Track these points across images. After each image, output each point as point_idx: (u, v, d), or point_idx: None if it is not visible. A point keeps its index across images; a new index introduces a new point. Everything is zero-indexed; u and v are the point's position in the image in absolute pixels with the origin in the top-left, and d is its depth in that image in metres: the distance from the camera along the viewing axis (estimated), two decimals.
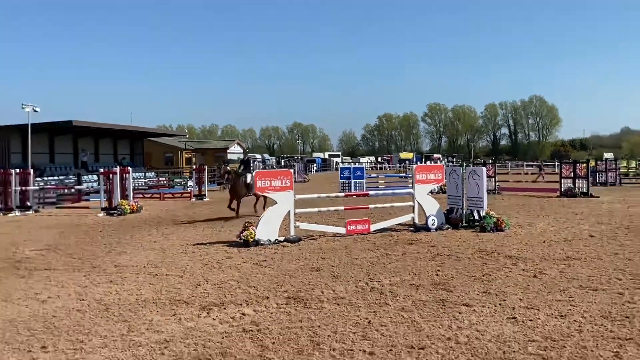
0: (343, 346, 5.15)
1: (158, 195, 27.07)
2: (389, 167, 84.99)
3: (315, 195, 15.20)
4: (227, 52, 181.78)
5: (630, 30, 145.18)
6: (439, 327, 5.66)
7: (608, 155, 60.81)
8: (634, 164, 42.88)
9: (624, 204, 18.83)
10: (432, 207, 13.16)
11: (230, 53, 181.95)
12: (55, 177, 30.81)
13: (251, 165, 18.43)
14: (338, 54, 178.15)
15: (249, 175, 17.10)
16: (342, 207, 14.14)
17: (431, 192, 13.78)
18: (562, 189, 22.98)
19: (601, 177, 30.55)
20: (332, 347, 5.14)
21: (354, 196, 22.66)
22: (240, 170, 17.94)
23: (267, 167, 60.70)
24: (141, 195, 26.57)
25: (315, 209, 13.64)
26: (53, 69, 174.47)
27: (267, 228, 11.38)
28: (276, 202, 11.63)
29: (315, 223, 13.10)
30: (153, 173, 40.70)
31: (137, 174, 34.48)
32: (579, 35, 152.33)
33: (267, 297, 7.01)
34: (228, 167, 18.29)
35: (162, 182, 36.49)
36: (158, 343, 5.34)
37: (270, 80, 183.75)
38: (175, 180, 36.72)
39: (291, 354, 4.99)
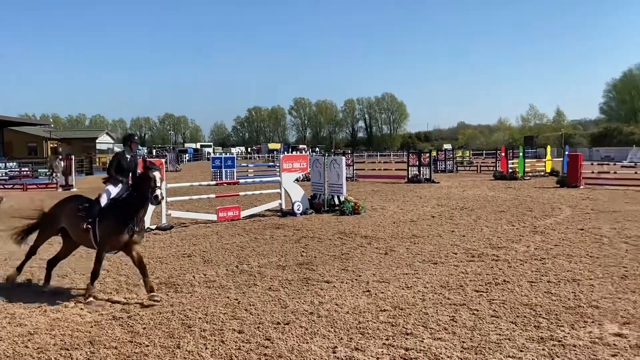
0: (213, 327, 5.09)
1: (20, 186, 24.64)
2: (258, 156, 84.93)
3: (188, 184, 14.78)
4: (90, 39, 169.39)
5: (466, 35, 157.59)
6: (303, 303, 5.79)
7: (447, 146, 65.64)
8: (467, 153, 46.87)
9: (460, 188, 20.54)
10: (297, 194, 13.38)
11: (92, 40, 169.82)
12: None
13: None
14: (210, 46, 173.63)
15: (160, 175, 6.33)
16: (214, 195, 13.90)
17: (297, 179, 14.00)
18: (409, 176, 24.50)
19: (441, 165, 33.07)
20: (202, 328, 5.05)
21: (225, 184, 22.29)
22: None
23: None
24: (1, 187, 24.07)
25: (187, 197, 13.27)
26: None
27: (147, 215, 10.83)
28: None
29: (187, 211, 12.74)
30: (14, 163, 36.91)
31: None
32: (424, 39, 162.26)
33: (138, 285, 6.69)
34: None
35: (25, 173, 33.20)
36: (21, 336, 4.89)
37: (141, 71, 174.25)
38: (39, 170, 33.57)
39: (162, 337, 4.83)
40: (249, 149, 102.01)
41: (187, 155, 72.46)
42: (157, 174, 6.11)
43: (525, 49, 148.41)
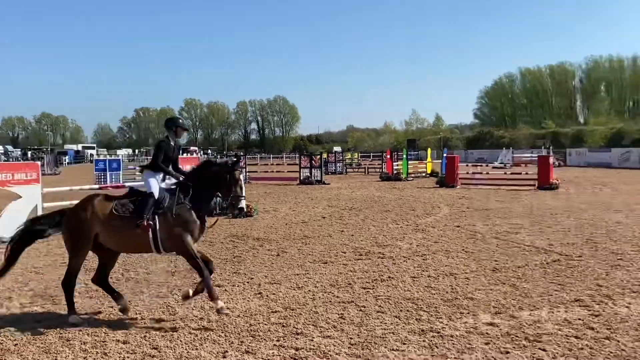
0: (95, 339, 4.79)
1: None
2: (147, 159, 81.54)
3: (67, 188, 13.78)
4: None
5: (353, 40, 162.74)
6: (193, 309, 5.65)
7: (337, 148, 67.16)
8: (356, 155, 48.41)
9: (349, 189, 21.15)
10: None
11: None
12: None
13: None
14: (89, 42, 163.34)
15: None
16: None
17: None
18: (301, 178, 24.80)
19: (332, 167, 33.81)
20: (83, 341, 4.74)
21: (110, 188, 21.19)
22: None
23: (10, 160, 53.09)
24: None
25: (68, 202, 12.37)
26: None
27: (11, 224, 9.92)
28: (20, 197, 10.24)
29: None
30: None
31: None
32: (314, 42, 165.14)
33: (10, 297, 6.15)
34: None
35: None
36: None
37: (14, 67, 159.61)
38: None
39: (36, 353, 4.46)
40: (137, 151, 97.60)
41: (67, 157, 67.52)
42: (242, 176, 5.33)
43: (409, 54, 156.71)
